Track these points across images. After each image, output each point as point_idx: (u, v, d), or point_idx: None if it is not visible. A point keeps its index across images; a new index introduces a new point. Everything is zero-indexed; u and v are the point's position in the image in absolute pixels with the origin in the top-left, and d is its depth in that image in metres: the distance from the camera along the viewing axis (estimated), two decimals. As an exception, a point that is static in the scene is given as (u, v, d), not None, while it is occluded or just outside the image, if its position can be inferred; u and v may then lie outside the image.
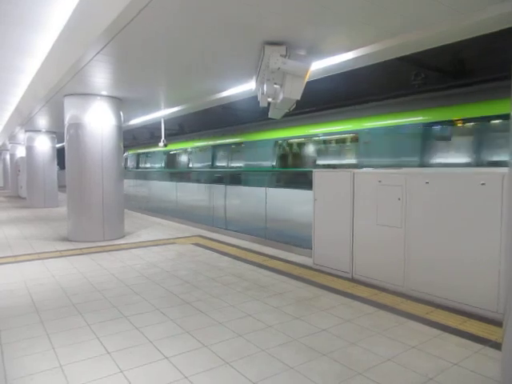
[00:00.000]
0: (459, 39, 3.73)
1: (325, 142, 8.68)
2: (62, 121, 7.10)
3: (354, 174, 4.40)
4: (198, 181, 12.46)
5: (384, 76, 7.41)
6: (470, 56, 6.66)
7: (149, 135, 18.27)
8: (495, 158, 5.58)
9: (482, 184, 3.27)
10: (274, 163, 9.46)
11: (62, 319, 3.30)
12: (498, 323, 3.09)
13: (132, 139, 19.84)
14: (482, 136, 5.85)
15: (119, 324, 3.19)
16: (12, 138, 15.98)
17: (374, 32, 3.76)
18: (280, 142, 9.48)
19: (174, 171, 14.95)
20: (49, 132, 12.87)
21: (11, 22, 4.47)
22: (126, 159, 19.45)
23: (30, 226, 8.74)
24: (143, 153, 18.04)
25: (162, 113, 8.98)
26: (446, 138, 6.19)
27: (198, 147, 13.52)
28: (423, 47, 4.02)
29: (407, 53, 4.23)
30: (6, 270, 4.88)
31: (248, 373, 2.42)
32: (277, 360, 2.58)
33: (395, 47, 3.98)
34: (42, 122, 10.63)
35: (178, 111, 8.57)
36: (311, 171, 5.03)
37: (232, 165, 11.69)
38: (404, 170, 4.30)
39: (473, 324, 3.13)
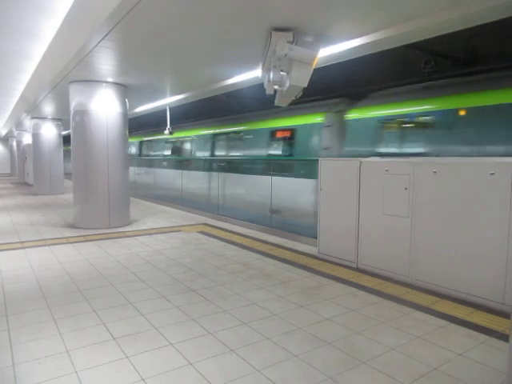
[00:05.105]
0: (472, 25, 3.64)
1: None
2: (68, 108, 7.09)
3: (360, 162, 4.36)
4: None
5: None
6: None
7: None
8: None
9: (492, 174, 3.22)
10: None
11: (69, 305, 3.33)
12: (504, 314, 3.07)
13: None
14: None
15: (125, 310, 3.22)
16: (18, 124, 16.04)
17: (385, 17, 3.67)
18: None
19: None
20: (55, 119, 12.88)
21: (16, 5, 4.42)
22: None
23: (37, 212, 8.81)
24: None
25: (168, 100, 8.93)
26: None
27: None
28: (435, 33, 3.92)
29: (418, 39, 4.13)
30: (13, 256, 4.93)
31: (252, 360, 2.43)
32: (281, 348, 2.59)
33: (406, 33, 3.89)
34: (48, 108, 10.63)
35: (183, 98, 8.51)
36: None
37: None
38: (411, 158, 4.25)
39: (479, 315, 3.11)
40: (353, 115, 7.29)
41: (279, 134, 8.88)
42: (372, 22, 3.80)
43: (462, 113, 5.76)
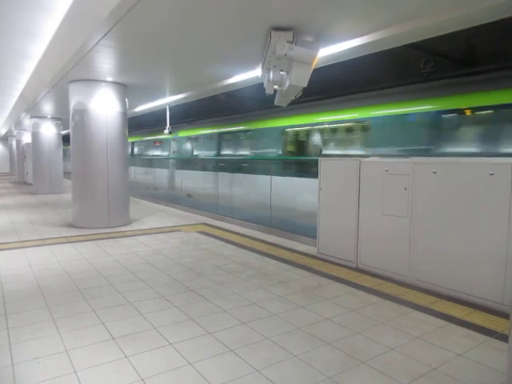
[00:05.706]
0: (472, 25, 3.64)
1: None
2: (68, 107, 7.08)
3: (360, 162, 4.36)
4: None
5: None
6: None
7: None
8: None
9: (491, 174, 3.22)
10: None
11: (68, 304, 3.33)
12: (503, 314, 3.07)
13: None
14: None
15: (124, 310, 3.22)
16: (18, 124, 16.01)
17: (385, 17, 3.67)
18: None
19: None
20: (54, 118, 12.88)
21: (16, 4, 4.42)
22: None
23: (36, 211, 8.80)
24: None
25: (168, 99, 8.92)
26: None
27: None
28: (435, 33, 3.92)
29: (418, 39, 4.13)
30: (12, 255, 4.93)
31: (252, 360, 2.43)
32: (280, 348, 2.59)
33: (406, 33, 3.89)
34: (48, 108, 10.62)
35: (183, 98, 8.51)
36: None
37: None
38: (411, 158, 4.25)
39: (478, 315, 3.11)
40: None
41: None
42: (372, 21, 3.80)
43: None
